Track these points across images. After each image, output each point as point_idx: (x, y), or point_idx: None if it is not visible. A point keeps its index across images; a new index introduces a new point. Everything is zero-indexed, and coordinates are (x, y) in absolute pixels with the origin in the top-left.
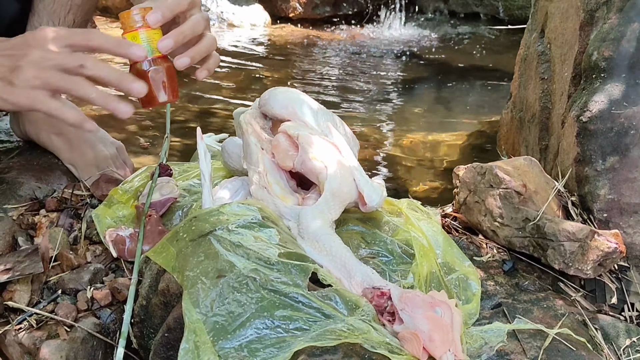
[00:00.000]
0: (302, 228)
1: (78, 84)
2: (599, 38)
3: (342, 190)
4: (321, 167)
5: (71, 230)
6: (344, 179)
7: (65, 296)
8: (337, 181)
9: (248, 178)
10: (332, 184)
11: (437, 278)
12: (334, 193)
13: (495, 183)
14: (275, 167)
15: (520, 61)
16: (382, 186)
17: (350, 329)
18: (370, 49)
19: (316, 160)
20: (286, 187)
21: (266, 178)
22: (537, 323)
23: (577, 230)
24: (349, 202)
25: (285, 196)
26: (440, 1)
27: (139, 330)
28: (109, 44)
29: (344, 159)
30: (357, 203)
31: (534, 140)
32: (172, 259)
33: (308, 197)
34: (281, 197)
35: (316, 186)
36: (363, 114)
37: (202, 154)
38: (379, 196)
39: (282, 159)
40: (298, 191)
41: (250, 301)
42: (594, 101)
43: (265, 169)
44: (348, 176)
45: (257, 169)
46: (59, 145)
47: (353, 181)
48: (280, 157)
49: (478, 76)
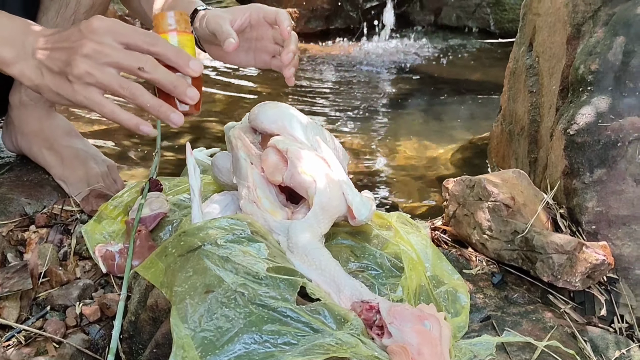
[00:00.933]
0: (291, 242)
1: (137, 90)
2: (586, 52)
3: (331, 204)
4: (310, 182)
5: (61, 246)
6: (333, 193)
7: (54, 312)
8: (326, 195)
9: (237, 192)
10: (321, 198)
11: (426, 291)
12: (323, 207)
13: (484, 196)
14: (265, 181)
15: (510, 74)
16: (371, 200)
17: (338, 343)
18: (363, 63)
19: (305, 174)
20: (275, 201)
21: (255, 193)
22: (526, 335)
23: (565, 242)
24: (338, 216)
25: (274, 210)
26: (431, 15)
27: (128, 346)
28: (169, 52)
29: (333, 173)
30: (346, 217)
31: (523, 153)
32: (161, 275)
33: (297, 211)
34: (270, 211)
35: (305, 200)
36: (355, 127)
37: (192, 168)
38: (368, 210)
39: (271, 173)
40: (287, 205)
41: (239, 316)
42: (581, 114)
43: (254, 183)
44: (337, 190)
45: (247, 183)
46: (51, 160)
47: (342, 195)
48: (270, 171)
49: (469, 89)
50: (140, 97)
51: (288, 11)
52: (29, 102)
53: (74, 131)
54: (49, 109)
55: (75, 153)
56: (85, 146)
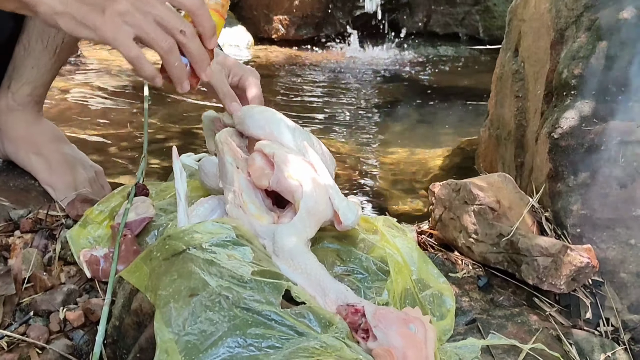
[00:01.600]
0: (277, 246)
1: (173, 47)
2: (569, 56)
3: (317, 209)
4: (297, 186)
5: (45, 251)
6: (320, 197)
7: (37, 318)
8: (312, 200)
9: (224, 197)
10: (308, 202)
11: (411, 295)
12: (310, 211)
13: (469, 199)
14: (251, 186)
15: (497, 80)
16: (357, 205)
17: (323, 347)
18: (352, 69)
19: (292, 179)
20: (262, 206)
21: (241, 197)
22: (512, 338)
23: (550, 245)
24: (325, 220)
25: (260, 215)
26: (421, 22)
27: (112, 351)
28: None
29: (320, 178)
30: (332, 222)
31: (510, 157)
32: (145, 278)
33: (283, 215)
34: (257, 216)
35: (292, 205)
36: (344, 133)
37: (178, 173)
38: (354, 215)
39: (257, 177)
40: (274, 210)
41: (223, 319)
42: (565, 118)
43: (240, 188)
44: (324, 195)
45: (233, 188)
46: (38, 165)
47: (329, 200)
48: (256, 176)
49: (458, 95)
50: (173, 54)
51: (278, 18)
52: (17, 107)
53: (62, 136)
54: (37, 114)
55: (63, 158)
56: (73, 151)
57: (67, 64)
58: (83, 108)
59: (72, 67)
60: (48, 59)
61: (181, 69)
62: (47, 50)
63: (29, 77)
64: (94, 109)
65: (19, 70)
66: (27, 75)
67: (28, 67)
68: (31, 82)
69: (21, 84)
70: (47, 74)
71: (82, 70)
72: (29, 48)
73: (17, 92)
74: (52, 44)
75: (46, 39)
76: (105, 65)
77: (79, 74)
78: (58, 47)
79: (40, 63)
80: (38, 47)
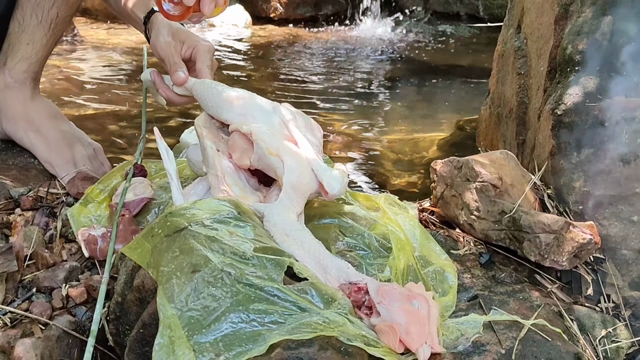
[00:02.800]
0: (269, 226)
1: None
2: (573, 32)
3: (301, 182)
4: (278, 161)
5: (47, 229)
6: (303, 170)
7: (40, 294)
8: (295, 173)
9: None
10: (291, 177)
11: (414, 271)
12: (294, 186)
13: (471, 177)
14: (234, 167)
15: (498, 57)
16: (342, 172)
17: (326, 322)
18: (351, 48)
19: (272, 154)
20: (246, 186)
21: (224, 180)
22: (513, 314)
23: (553, 222)
24: (310, 193)
25: (245, 196)
26: (421, 1)
27: (115, 327)
28: None
29: (301, 150)
30: (319, 193)
31: (511, 135)
32: (147, 255)
33: (270, 193)
34: (241, 197)
35: (277, 182)
36: (344, 111)
37: (164, 153)
38: (340, 184)
39: (238, 158)
40: (260, 189)
41: (226, 295)
42: (569, 94)
43: (222, 170)
44: (306, 167)
45: (215, 172)
46: (36, 143)
47: (312, 172)
48: (237, 156)
49: (458, 74)
50: None
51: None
52: (14, 84)
53: (60, 114)
54: (34, 90)
55: (62, 135)
56: (71, 129)
57: (64, 43)
58: (80, 87)
59: (68, 47)
60: (43, 34)
61: None
62: (41, 25)
63: (25, 53)
64: (91, 88)
65: (14, 47)
66: (22, 52)
67: (23, 43)
68: (27, 58)
69: (17, 60)
70: (42, 49)
71: (79, 49)
72: (24, 24)
73: (13, 68)
74: (47, 19)
75: (40, 14)
76: (102, 44)
77: (76, 53)
78: (52, 21)
79: (36, 38)
80: (32, 22)
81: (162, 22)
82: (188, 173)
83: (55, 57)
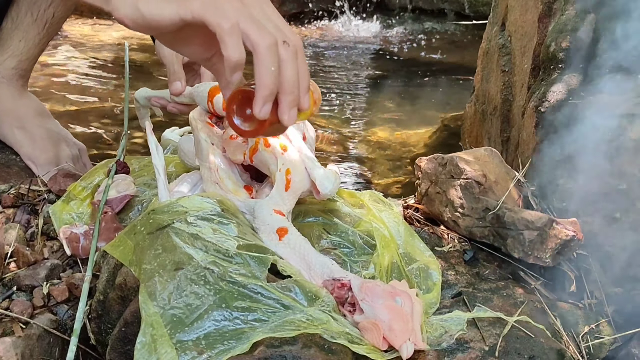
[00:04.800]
0: (258, 221)
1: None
2: (557, 29)
3: (294, 180)
4: (271, 158)
5: (28, 226)
6: (296, 168)
7: (20, 293)
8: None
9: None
10: (284, 174)
11: (398, 268)
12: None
13: (456, 173)
14: (227, 161)
15: (483, 54)
16: (335, 173)
17: (309, 320)
18: (337, 46)
19: (266, 151)
20: (238, 181)
21: (217, 173)
22: (497, 311)
23: (536, 219)
24: (302, 191)
25: (237, 190)
26: None
27: (97, 326)
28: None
29: (295, 148)
30: (311, 192)
31: (496, 132)
32: (130, 253)
33: (261, 189)
34: (233, 191)
35: (269, 178)
36: (330, 108)
37: (154, 148)
38: (332, 183)
39: (232, 152)
40: (252, 184)
41: (208, 293)
42: (552, 92)
43: (216, 164)
44: (299, 165)
45: (208, 164)
46: (21, 139)
47: (305, 170)
48: (231, 150)
49: (444, 71)
50: (272, 53)
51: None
52: (1, 79)
53: (46, 112)
54: (22, 87)
55: (47, 134)
56: (57, 128)
57: None
58: (64, 83)
59: (53, 42)
60: (36, 32)
61: (293, 87)
62: (36, 23)
63: (16, 49)
64: (75, 84)
65: (5, 43)
66: (13, 48)
67: (15, 39)
68: (17, 55)
69: (7, 56)
70: (34, 48)
71: (64, 45)
72: (17, 20)
73: (2, 64)
74: (42, 18)
75: (36, 12)
76: (87, 40)
77: (60, 49)
78: (48, 21)
79: (29, 36)
80: (27, 20)
81: None
82: (173, 169)
83: None
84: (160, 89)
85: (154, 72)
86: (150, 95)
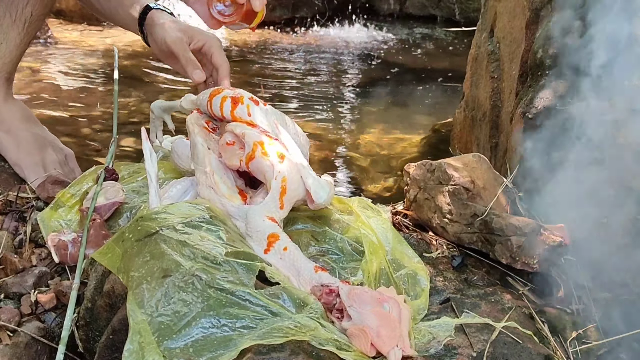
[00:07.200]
0: (250, 227)
1: None
2: (544, 36)
3: (289, 188)
4: (268, 165)
5: (16, 234)
6: (291, 176)
7: (8, 300)
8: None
9: (196, 178)
10: (279, 182)
11: (386, 274)
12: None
13: (444, 180)
14: (223, 166)
15: (472, 61)
16: (329, 183)
17: (297, 327)
18: (328, 51)
19: (263, 158)
20: (233, 186)
21: (213, 178)
22: (485, 317)
23: (524, 224)
24: (297, 200)
25: (232, 195)
26: (397, 4)
27: (85, 333)
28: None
29: (292, 157)
30: (305, 201)
31: (484, 138)
32: (118, 260)
33: (256, 195)
34: (228, 196)
35: (264, 185)
36: (320, 114)
37: (148, 154)
38: (327, 193)
39: (228, 158)
40: (246, 190)
41: (196, 300)
42: (540, 98)
43: (211, 169)
44: (295, 174)
45: (204, 168)
46: (6, 144)
47: (300, 179)
48: (227, 156)
49: (434, 77)
50: None
51: None
52: None
53: (32, 117)
54: (7, 91)
55: (33, 138)
56: (44, 132)
57: (38, 44)
58: (54, 89)
59: (42, 48)
60: (17, 33)
61: None
62: (15, 24)
63: None
64: (65, 89)
65: None
66: None
67: None
68: (0, 58)
69: None
70: (15, 49)
71: (53, 51)
72: None
73: None
74: (21, 18)
75: (14, 12)
76: (76, 46)
77: (50, 55)
78: (27, 20)
79: (9, 37)
80: (6, 21)
81: (163, 18)
82: (163, 175)
83: (28, 58)
84: (158, 96)
85: (143, 77)
86: (164, 106)
